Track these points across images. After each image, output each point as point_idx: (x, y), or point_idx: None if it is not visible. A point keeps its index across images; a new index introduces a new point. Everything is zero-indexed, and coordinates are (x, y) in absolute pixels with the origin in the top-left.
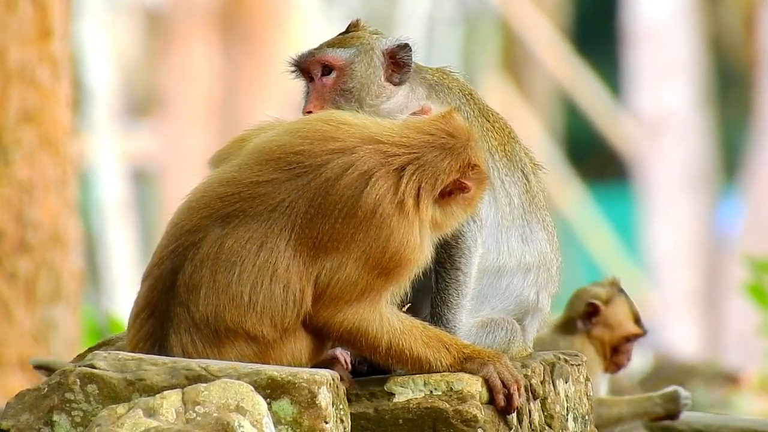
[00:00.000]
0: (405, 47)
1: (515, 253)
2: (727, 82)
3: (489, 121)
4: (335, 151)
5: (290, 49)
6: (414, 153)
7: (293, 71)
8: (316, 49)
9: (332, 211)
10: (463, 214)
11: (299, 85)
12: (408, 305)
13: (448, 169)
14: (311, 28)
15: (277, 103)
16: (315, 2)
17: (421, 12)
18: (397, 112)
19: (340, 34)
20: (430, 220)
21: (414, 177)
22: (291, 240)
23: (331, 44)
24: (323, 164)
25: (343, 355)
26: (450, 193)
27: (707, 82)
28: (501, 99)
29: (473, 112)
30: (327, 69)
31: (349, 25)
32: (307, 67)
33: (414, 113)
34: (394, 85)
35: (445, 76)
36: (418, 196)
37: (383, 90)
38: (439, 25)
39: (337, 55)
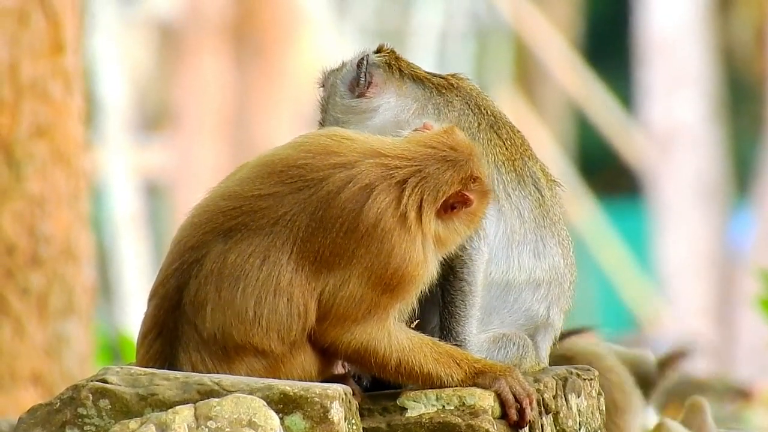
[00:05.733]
0: (362, 60)
1: (525, 268)
2: (739, 96)
3: (499, 136)
4: (337, 165)
5: (302, 63)
6: (416, 166)
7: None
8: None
9: (333, 224)
10: (466, 229)
11: (311, 98)
12: (417, 321)
13: (449, 181)
14: (323, 42)
15: (290, 117)
16: (327, 16)
17: (433, 25)
18: (393, 126)
19: None
20: (434, 235)
21: (416, 190)
22: (293, 254)
23: None
24: (325, 178)
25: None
26: (453, 207)
27: (719, 96)
28: (513, 113)
29: (478, 125)
30: None
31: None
32: None
33: (416, 130)
34: (358, 96)
35: (449, 88)
36: (420, 209)
37: (355, 104)
38: (451, 38)
39: (320, 77)
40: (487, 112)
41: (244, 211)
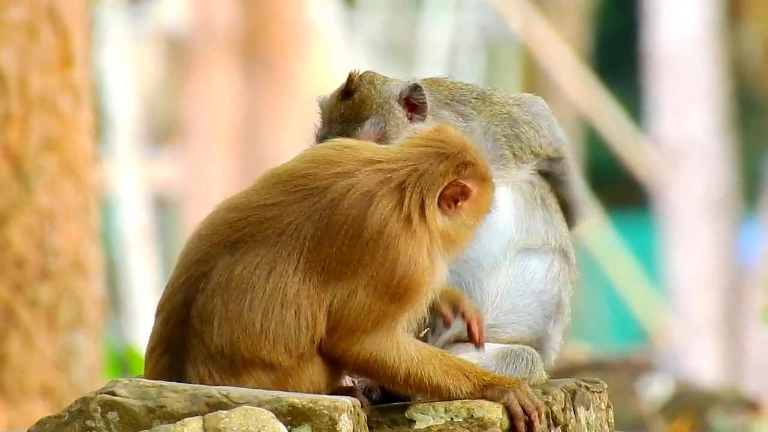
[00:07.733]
0: (416, 88)
1: (539, 234)
2: (749, 109)
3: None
4: (339, 174)
5: (312, 77)
6: (411, 165)
7: None
8: (341, 128)
9: (338, 232)
10: (474, 221)
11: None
12: (426, 330)
13: (444, 173)
14: (333, 56)
15: (299, 131)
16: (336, 30)
17: (442, 39)
18: None
19: (343, 93)
20: (442, 233)
21: (416, 188)
22: (300, 264)
23: (352, 119)
24: (328, 186)
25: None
26: (456, 201)
27: (728, 110)
28: None
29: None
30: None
31: (348, 82)
32: None
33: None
34: (415, 123)
35: (451, 87)
36: (422, 207)
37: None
38: (460, 51)
39: (370, 132)
40: (487, 96)
41: (251, 222)
